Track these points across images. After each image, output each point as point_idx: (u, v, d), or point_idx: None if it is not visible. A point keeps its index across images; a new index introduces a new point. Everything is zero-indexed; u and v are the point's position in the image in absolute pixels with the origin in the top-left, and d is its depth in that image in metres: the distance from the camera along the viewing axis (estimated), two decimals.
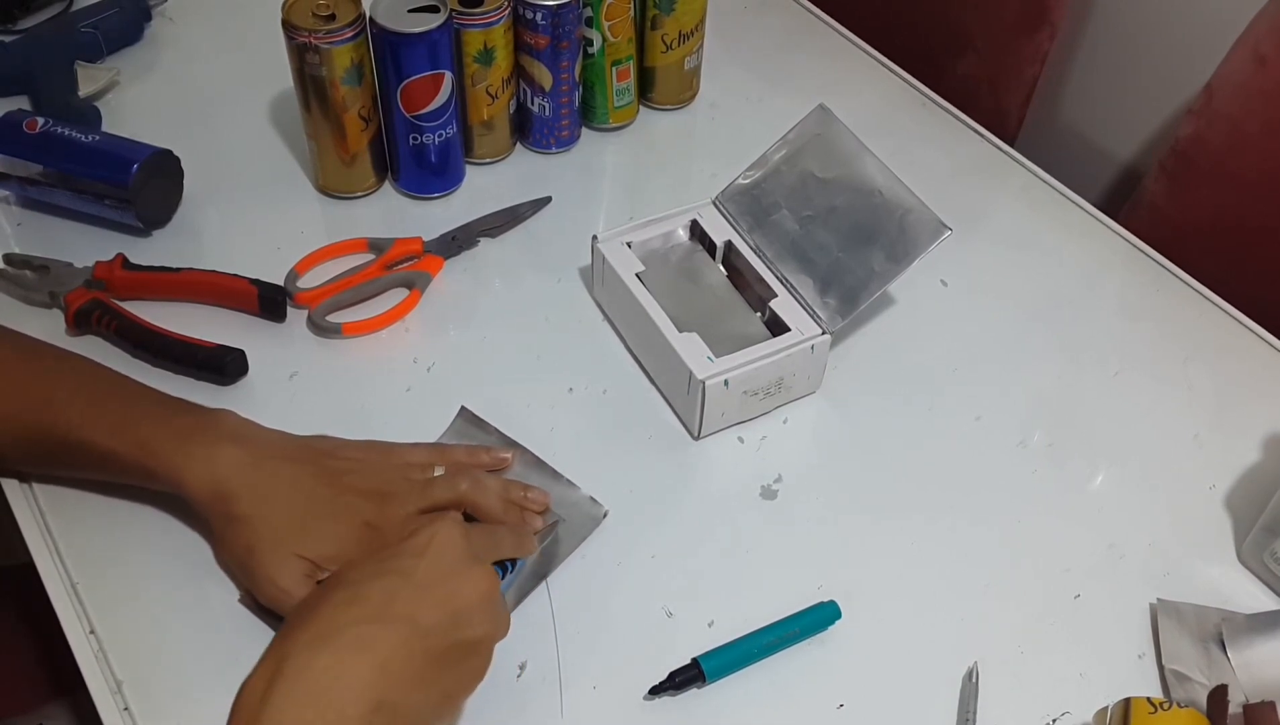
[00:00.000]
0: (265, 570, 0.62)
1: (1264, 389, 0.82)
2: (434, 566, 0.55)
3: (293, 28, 0.80)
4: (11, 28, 1.00)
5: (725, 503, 0.73)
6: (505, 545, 0.64)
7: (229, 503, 0.63)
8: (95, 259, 0.80)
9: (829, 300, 0.77)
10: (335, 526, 0.64)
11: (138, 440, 0.64)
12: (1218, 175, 0.97)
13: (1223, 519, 0.74)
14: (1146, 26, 1.12)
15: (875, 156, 0.79)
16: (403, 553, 0.56)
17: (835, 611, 0.66)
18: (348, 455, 0.68)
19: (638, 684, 0.63)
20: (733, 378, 0.73)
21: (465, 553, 0.57)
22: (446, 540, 0.56)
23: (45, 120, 0.84)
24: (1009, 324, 0.85)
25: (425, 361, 0.79)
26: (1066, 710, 0.64)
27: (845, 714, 0.64)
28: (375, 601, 0.54)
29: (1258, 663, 0.65)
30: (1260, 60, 0.91)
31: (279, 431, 0.68)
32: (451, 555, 0.56)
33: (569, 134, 0.95)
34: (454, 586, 0.55)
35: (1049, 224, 0.93)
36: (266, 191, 0.90)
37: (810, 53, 1.07)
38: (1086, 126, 1.22)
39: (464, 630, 0.55)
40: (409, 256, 0.85)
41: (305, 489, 0.65)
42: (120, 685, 0.62)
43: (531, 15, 0.86)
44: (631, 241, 0.81)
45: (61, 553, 0.67)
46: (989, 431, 0.78)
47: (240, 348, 0.76)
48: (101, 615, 0.65)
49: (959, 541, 0.72)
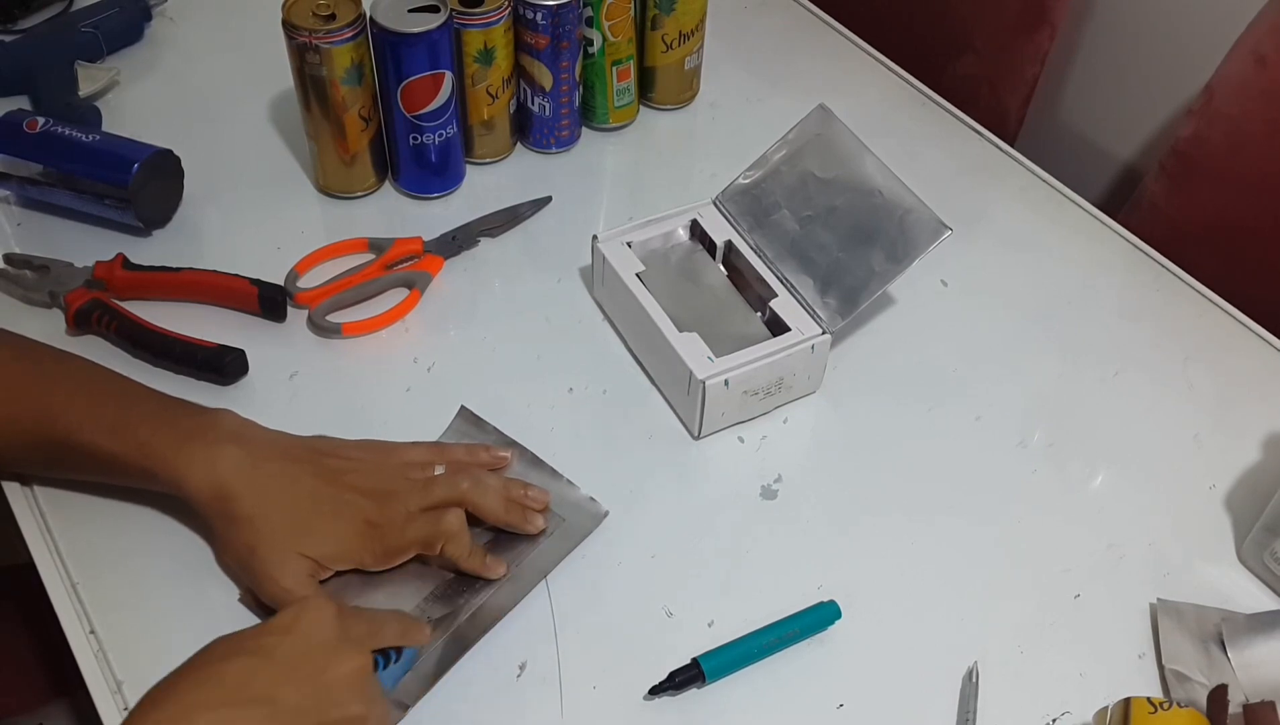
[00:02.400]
0: (268, 570, 0.62)
1: (1264, 389, 0.82)
2: (298, 645, 0.53)
3: (293, 28, 0.80)
4: (11, 28, 1.00)
5: (725, 503, 0.73)
6: (389, 633, 0.60)
7: (230, 503, 0.63)
8: (95, 259, 0.80)
9: (829, 300, 0.77)
10: (337, 525, 0.64)
11: (138, 442, 0.64)
12: (1218, 175, 0.97)
13: (1223, 519, 0.74)
14: (1146, 26, 1.12)
15: (875, 156, 0.79)
16: (266, 630, 0.54)
17: (835, 611, 0.66)
18: (348, 454, 0.68)
19: (638, 684, 0.63)
20: (733, 378, 0.73)
21: (335, 632, 0.55)
22: (315, 619, 0.55)
23: (45, 120, 0.84)
24: (1009, 324, 0.85)
25: (425, 361, 0.79)
26: (1066, 710, 0.64)
27: (845, 714, 0.64)
28: (231, 683, 0.51)
29: (1258, 663, 0.65)
30: (1260, 60, 0.91)
31: (279, 431, 0.68)
32: (319, 634, 0.54)
33: (569, 134, 0.95)
34: (319, 663, 0.53)
35: (1049, 224, 0.93)
36: (266, 191, 0.90)
37: (810, 53, 1.07)
38: (1086, 126, 1.22)
39: (333, 710, 0.53)
40: (409, 256, 0.85)
41: (306, 488, 0.65)
42: (120, 685, 0.62)
43: (531, 15, 0.86)
44: (632, 241, 0.81)
45: (61, 553, 0.67)
46: (989, 431, 0.78)
47: (240, 348, 0.76)
48: (101, 615, 0.65)
49: (959, 541, 0.72)
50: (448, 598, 0.66)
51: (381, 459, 0.68)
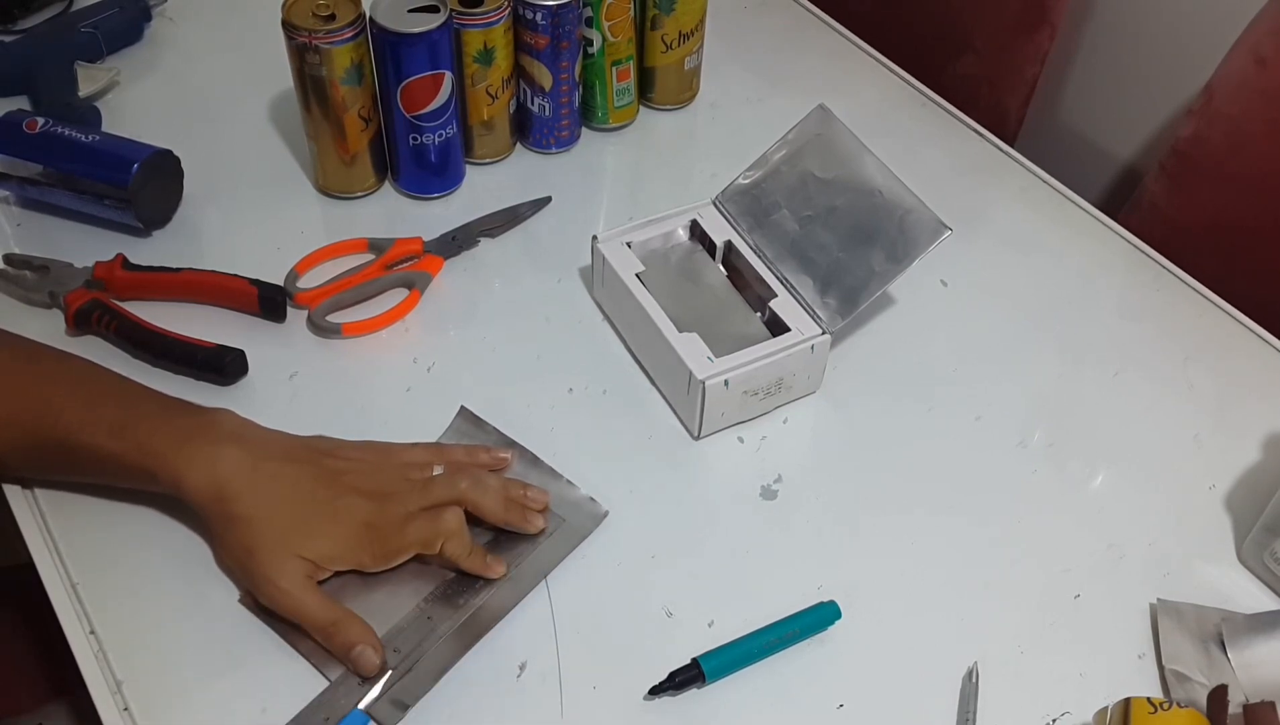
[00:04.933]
0: (265, 571, 0.62)
1: (1264, 389, 0.82)
2: None
3: (293, 28, 0.80)
4: (11, 28, 1.00)
5: (725, 503, 0.73)
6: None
7: (229, 503, 0.63)
8: (95, 259, 0.80)
9: (829, 300, 0.77)
10: (335, 527, 0.64)
11: (137, 442, 0.64)
12: (1218, 175, 0.97)
13: (1223, 519, 0.74)
14: (1146, 26, 1.12)
15: (875, 156, 0.79)
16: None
17: (835, 611, 0.66)
18: (347, 455, 0.67)
19: (638, 684, 0.63)
20: (732, 378, 0.73)
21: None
22: None
23: (45, 120, 0.84)
24: (1009, 324, 0.85)
25: (425, 361, 0.79)
26: (1066, 710, 0.64)
27: (845, 714, 0.64)
28: None
29: (1258, 663, 0.65)
30: (1260, 60, 0.92)
31: (278, 432, 0.68)
32: None
33: (569, 134, 0.95)
34: None
35: (1049, 224, 0.93)
36: (266, 191, 0.90)
37: (810, 52, 1.07)
38: (1086, 126, 1.22)
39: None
40: (409, 256, 0.85)
41: (305, 489, 0.65)
42: (120, 685, 0.62)
43: (531, 15, 0.86)
44: (631, 241, 0.81)
45: (61, 553, 0.67)
46: (989, 431, 0.78)
47: (240, 348, 0.76)
48: (101, 615, 0.65)
49: (959, 541, 0.72)
50: (448, 598, 0.66)
51: (381, 460, 0.68)
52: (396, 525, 0.64)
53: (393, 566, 0.66)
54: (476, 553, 0.66)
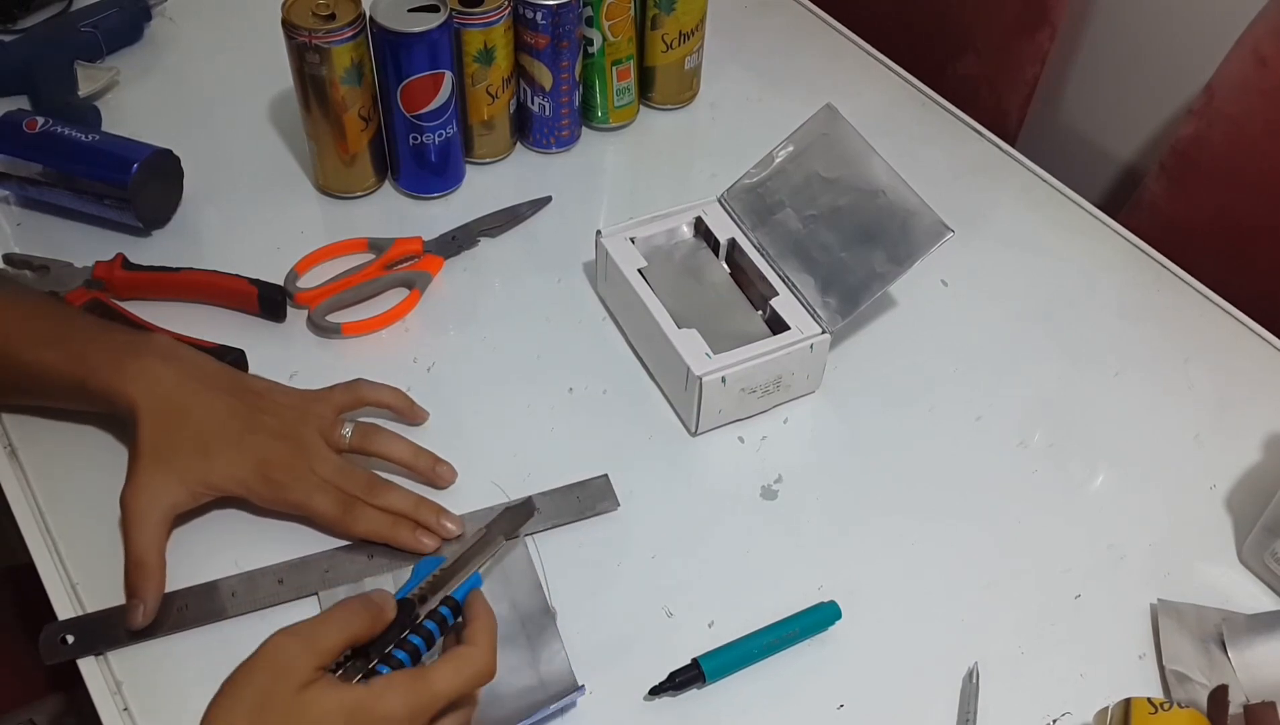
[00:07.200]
0: (138, 477, 0.65)
1: (1264, 389, 0.82)
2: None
3: (293, 27, 0.80)
4: (11, 28, 1.00)
5: (725, 503, 0.73)
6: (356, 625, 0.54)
7: (139, 410, 0.65)
8: (95, 259, 0.80)
9: (830, 300, 0.77)
10: (234, 453, 0.66)
11: (71, 352, 0.67)
12: (1218, 175, 0.97)
13: (1223, 519, 0.74)
14: (1146, 26, 1.12)
15: (881, 157, 0.79)
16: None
17: (835, 612, 0.66)
18: (274, 398, 0.70)
19: (638, 684, 0.63)
20: (730, 375, 0.73)
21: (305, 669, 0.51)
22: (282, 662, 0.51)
23: (45, 120, 0.84)
24: (1009, 324, 0.85)
25: (425, 361, 0.79)
26: (1066, 710, 0.64)
27: (845, 714, 0.64)
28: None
29: (1258, 663, 0.65)
30: (1260, 60, 0.92)
31: (217, 362, 0.70)
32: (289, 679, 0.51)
33: (569, 134, 0.95)
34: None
35: (1049, 224, 0.93)
36: (266, 191, 0.90)
37: (811, 53, 1.07)
38: (1086, 126, 1.22)
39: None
40: (409, 256, 0.85)
41: (218, 418, 0.67)
42: (120, 685, 0.62)
43: (531, 15, 0.86)
44: (635, 237, 0.81)
45: (61, 553, 0.67)
46: (989, 431, 0.78)
47: (240, 348, 0.76)
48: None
49: (959, 541, 0.72)
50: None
51: (304, 407, 0.70)
52: (301, 477, 0.66)
53: (283, 513, 0.67)
54: (401, 525, 0.67)
